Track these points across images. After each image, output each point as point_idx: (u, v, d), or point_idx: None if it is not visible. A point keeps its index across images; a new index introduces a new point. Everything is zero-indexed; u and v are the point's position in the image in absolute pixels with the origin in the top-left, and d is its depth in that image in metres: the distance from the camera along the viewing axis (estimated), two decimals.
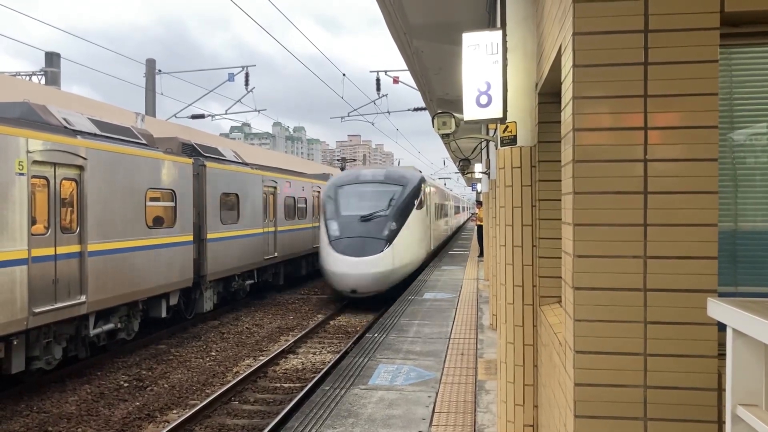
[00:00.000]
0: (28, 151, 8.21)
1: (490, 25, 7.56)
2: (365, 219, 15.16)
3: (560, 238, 3.05)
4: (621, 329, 2.51)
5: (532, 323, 4.58)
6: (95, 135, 9.97)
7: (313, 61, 19.98)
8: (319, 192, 21.12)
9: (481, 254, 23.22)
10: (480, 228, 23.09)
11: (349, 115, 20.97)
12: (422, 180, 17.38)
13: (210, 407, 7.97)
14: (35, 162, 8.37)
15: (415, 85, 12.78)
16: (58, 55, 22.35)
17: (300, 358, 10.68)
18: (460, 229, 49.47)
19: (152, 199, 11.32)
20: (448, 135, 5.45)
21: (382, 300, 15.26)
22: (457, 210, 46.90)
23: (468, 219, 68.35)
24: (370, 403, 6.24)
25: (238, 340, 12.17)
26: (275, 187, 17.24)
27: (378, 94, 17.59)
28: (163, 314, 11.88)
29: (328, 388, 6.80)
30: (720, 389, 2.41)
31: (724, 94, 2.69)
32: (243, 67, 21.71)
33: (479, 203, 24.09)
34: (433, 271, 18.82)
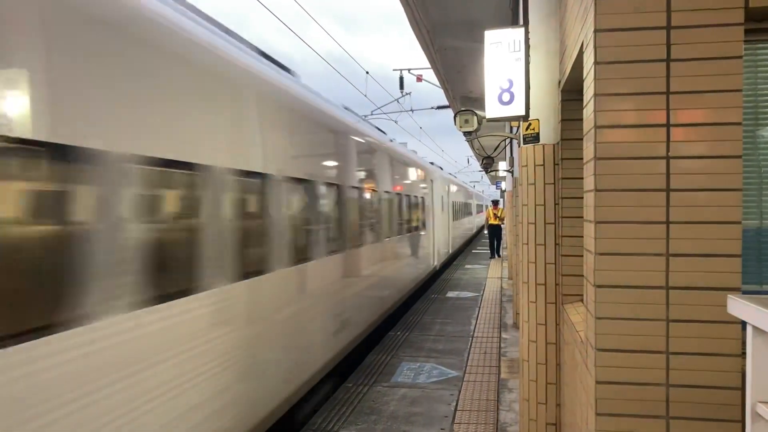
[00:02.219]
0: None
1: (513, 22, 7.53)
2: None
3: (583, 237, 3.04)
4: (643, 327, 2.50)
5: (554, 321, 4.57)
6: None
7: (331, 60, 19.92)
8: None
9: (492, 255, 22.09)
10: (492, 227, 21.98)
11: (372, 114, 20.99)
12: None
13: None
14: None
15: (438, 83, 12.78)
16: None
17: None
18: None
19: None
20: (470, 133, 5.45)
21: None
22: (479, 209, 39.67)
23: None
24: (392, 401, 6.27)
25: None
26: None
27: (401, 92, 17.57)
28: None
29: (350, 385, 6.85)
30: (743, 388, 2.39)
31: (748, 90, 2.65)
32: None
33: (495, 202, 22.50)
34: (456, 270, 18.78)
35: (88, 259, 2.81)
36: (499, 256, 21.96)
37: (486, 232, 23.51)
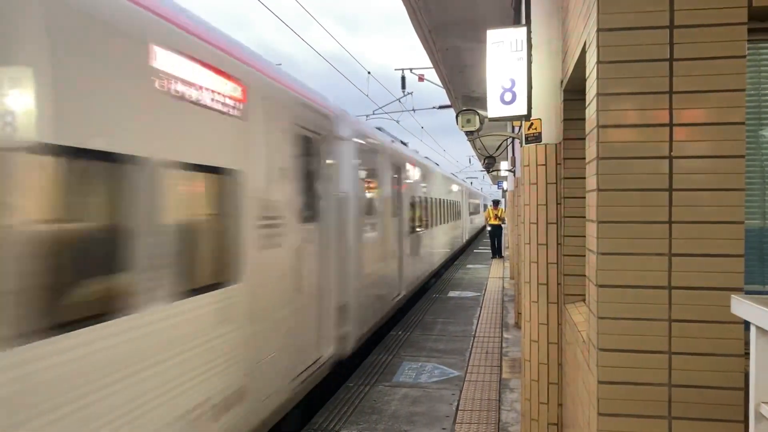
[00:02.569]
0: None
1: (515, 22, 7.52)
2: None
3: (585, 236, 3.04)
4: (645, 327, 2.50)
5: (556, 321, 4.56)
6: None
7: (332, 59, 19.85)
8: None
9: (494, 255, 21.62)
10: (493, 228, 21.46)
11: (374, 113, 20.98)
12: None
13: None
14: None
15: (440, 83, 12.77)
16: None
17: None
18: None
19: None
20: (472, 132, 5.44)
21: None
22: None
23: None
24: (393, 400, 6.27)
25: None
26: None
27: (403, 92, 17.56)
28: None
29: (352, 384, 6.84)
30: (747, 388, 2.39)
31: (751, 90, 2.65)
32: None
33: (495, 203, 21.95)
34: (458, 270, 18.77)
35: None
36: (501, 256, 21.50)
37: (488, 231, 23.06)
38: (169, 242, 3.45)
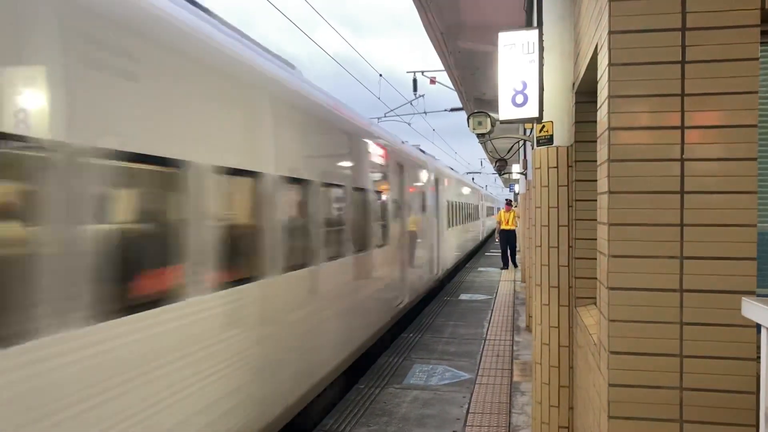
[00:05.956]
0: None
1: (527, 24, 7.52)
2: None
3: (597, 239, 3.03)
4: (656, 330, 2.49)
5: (567, 324, 4.55)
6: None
7: (340, 61, 19.94)
8: None
9: (505, 265, 18.92)
10: (504, 233, 18.59)
11: (385, 116, 21.02)
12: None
13: None
14: None
15: (451, 85, 12.77)
16: None
17: None
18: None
19: None
20: (483, 135, 5.45)
21: None
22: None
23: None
24: (404, 402, 6.27)
25: None
26: None
27: (415, 94, 17.58)
28: None
29: (363, 386, 6.85)
30: (758, 392, 2.37)
31: (764, 92, 2.64)
32: None
33: (508, 203, 19.26)
34: (469, 273, 18.73)
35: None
36: (515, 266, 18.84)
37: (497, 239, 20.07)
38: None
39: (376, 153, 8.13)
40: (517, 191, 21.69)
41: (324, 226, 5.76)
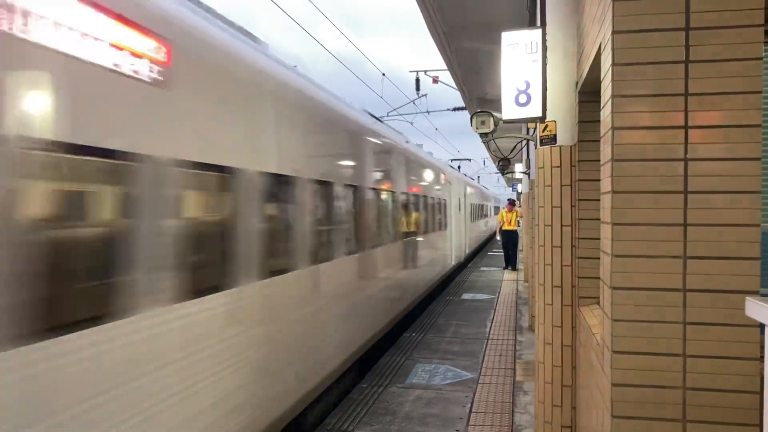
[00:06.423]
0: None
1: (530, 24, 7.51)
2: None
3: (600, 239, 3.03)
4: (659, 330, 2.49)
5: (570, 324, 4.55)
6: None
7: (343, 61, 19.93)
8: None
9: (507, 265, 18.68)
10: (505, 234, 18.28)
11: (388, 115, 21.03)
12: None
13: None
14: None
15: (454, 85, 12.77)
16: None
17: None
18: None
19: None
20: (486, 134, 5.45)
21: None
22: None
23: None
24: (407, 402, 6.28)
25: None
26: None
27: (417, 93, 17.58)
28: None
29: (365, 385, 6.86)
30: (762, 392, 2.37)
31: None
32: None
33: (510, 202, 18.64)
34: (472, 272, 18.72)
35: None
36: (514, 268, 18.54)
37: (498, 239, 19.69)
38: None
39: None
40: (519, 191, 21.66)
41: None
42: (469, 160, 29.65)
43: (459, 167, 23.51)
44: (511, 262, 18.74)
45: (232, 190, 3.95)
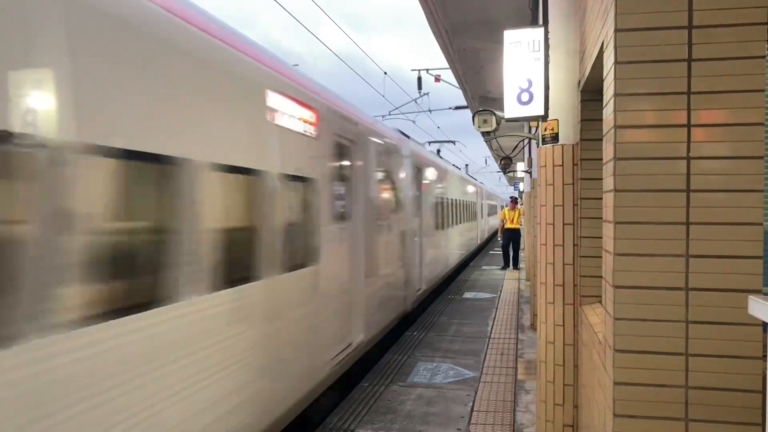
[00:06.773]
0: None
1: (533, 22, 7.50)
2: None
3: (602, 237, 3.03)
4: (662, 328, 2.48)
5: (572, 323, 4.54)
6: None
7: (345, 59, 19.94)
8: None
9: (506, 265, 18.57)
10: (507, 232, 18.07)
11: (390, 114, 21.02)
12: None
13: None
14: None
15: (456, 83, 12.76)
16: None
17: None
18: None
19: None
20: (488, 133, 5.43)
21: None
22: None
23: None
24: (408, 400, 6.28)
25: None
26: None
27: (419, 92, 17.58)
28: None
29: (366, 384, 6.86)
30: (765, 391, 2.37)
31: None
32: None
33: (513, 200, 18.44)
34: (473, 271, 18.72)
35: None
36: (515, 267, 18.23)
37: (499, 238, 19.64)
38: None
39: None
40: (521, 189, 21.63)
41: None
42: (454, 142, 27.42)
43: (438, 151, 22.49)
44: (512, 260, 18.43)
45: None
